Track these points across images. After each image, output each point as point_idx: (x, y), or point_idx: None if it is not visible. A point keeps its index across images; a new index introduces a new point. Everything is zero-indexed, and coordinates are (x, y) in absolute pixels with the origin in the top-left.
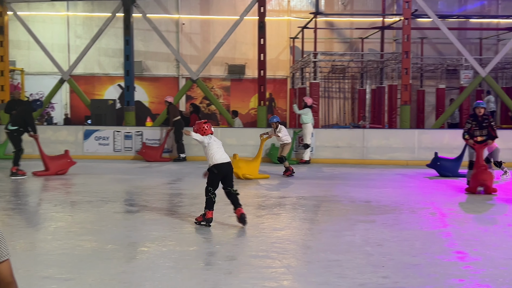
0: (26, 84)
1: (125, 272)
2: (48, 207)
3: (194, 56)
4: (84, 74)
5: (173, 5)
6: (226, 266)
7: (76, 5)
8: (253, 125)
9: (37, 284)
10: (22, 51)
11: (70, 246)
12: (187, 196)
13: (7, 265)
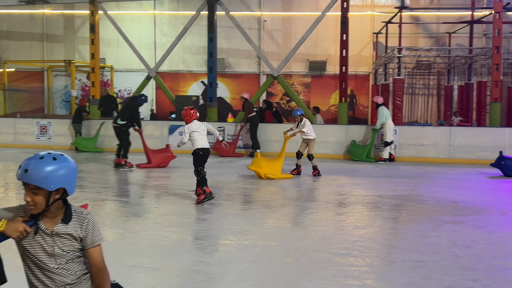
0: (115, 80)
1: (209, 264)
2: (137, 199)
3: (275, 52)
4: (169, 71)
5: (255, 3)
6: (308, 262)
7: (163, 4)
8: (334, 122)
9: (126, 273)
10: (112, 49)
11: (157, 237)
12: (267, 191)
13: (99, 250)
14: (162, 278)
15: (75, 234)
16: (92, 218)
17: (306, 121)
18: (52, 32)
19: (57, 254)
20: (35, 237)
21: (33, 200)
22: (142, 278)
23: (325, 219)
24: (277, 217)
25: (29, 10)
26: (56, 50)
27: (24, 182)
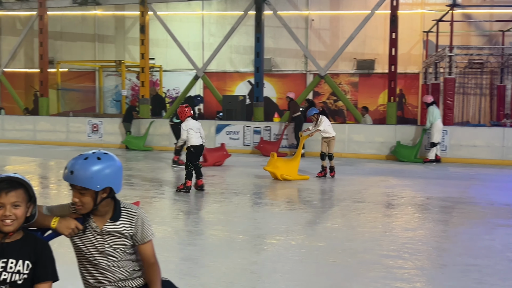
0: (163, 80)
1: (255, 263)
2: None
3: (322, 52)
4: (216, 71)
5: (303, 2)
6: (356, 263)
7: (211, 4)
8: (382, 121)
9: (174, 269)
10: (161, 49)
11: (205, 235)
12: (314, 191)
13: (150, 246)
14: (210, 275)
15: (124, 232)
16: (142, 214)
17: (323, 119)
18: (103, 33)
19: (108, 251)
20: (86, 234)
21: (81, 201)
22: (191, 275)
23: (373, 220)
24: (324, 218)
25: (82, 11)
26: (107, 51)
27: (71, 183)
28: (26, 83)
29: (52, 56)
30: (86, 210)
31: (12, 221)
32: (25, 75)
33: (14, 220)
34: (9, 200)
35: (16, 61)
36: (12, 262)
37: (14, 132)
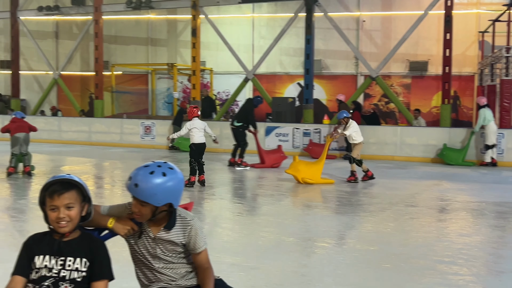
0: (214, 82)
1: (306, 266)
2: (237, 198)
3: (373, 53)
4: (266, 73)
5: (354, 3)
6: (409, 269)
7: (261, 7)
8: (435, 124)
9: (225, 270)
10: (212, 51)
11: (255, 237)
12: (366, 195)
13: (204, 254)
14: (260, 277)
15: (177, 240)
16: (196, 225)
17: (352, 124)
18: (156, 36)
19: (160, 255)
20: (141, 237)
21: (140, 211)
22: (241, 277)
23: (427, 225)
24: (376, 222)
25: (135, 15)
26: (160, 54)
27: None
28: (82, 85)
29: (106, 59)
30: (143, 220)
31: (67, 223)
32: (81, 78)
33: (68, 221)
34: (62, 202)
35: (73, 65)
36: (70, 260)
37: (70, 133)
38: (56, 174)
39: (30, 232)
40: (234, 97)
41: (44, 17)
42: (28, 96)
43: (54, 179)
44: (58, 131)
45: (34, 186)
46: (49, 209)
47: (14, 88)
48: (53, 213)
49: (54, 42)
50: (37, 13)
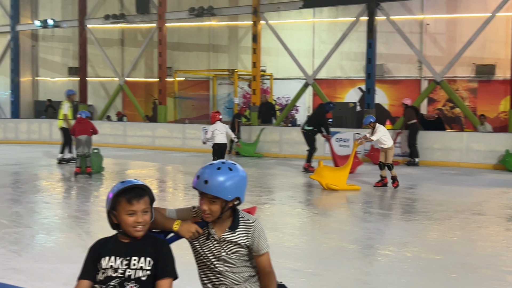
0: (274, 88)
1: (369, 273)
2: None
3: (438, 57)
4: (326, 78)
5: (417, 6)
6: (477, 279)
7: (322, 12)
8: (503, 130)
9: (287, 276)
10: (272, 57)
11: (316, 243)
12: (429, 202)
13: (266, 257)
14: (322, 284)
15: (241, 242)
16: (258, 226)
17: (380, 128)
18: (217, 42)
19: (224, 258)
20: (205, 240)
21: (210, 209)
22: (303, 283)
23: (495, 234)
24: (442, 230)
25: (197, 22)
26: (221, 60)
27: (202, 192)
28: (146, 91)
29: (170, 65)
30: (213, 218)
31: (143, 227)
32: (145, 84)
33: (144, 225)
34: (140, 208)
35: (137, 71)
36: (135, 260)
37: (135, 138)
38: (121, 177)
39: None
40: (293, 102)
41: (111, 25)
42: (95, 101)
43: (129, 185)
44: (123, 136)
45: (99, 188)
46: (125, 214)
47: (81, 94)
48: (130, 218)
49: (119, 50)
50: (104, 22)
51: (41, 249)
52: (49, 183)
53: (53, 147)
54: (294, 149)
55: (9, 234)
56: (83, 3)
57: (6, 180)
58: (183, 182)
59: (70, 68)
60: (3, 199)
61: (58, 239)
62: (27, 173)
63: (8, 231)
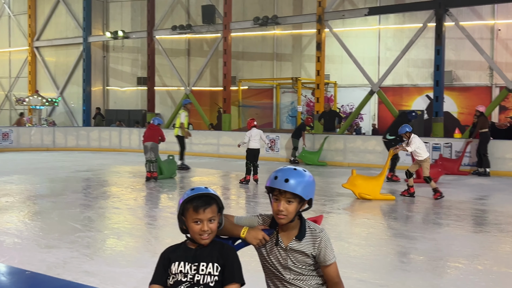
0: (338, 96)
1: (438, 285)
2: (360, 213)
3: (510, 63)
4: (392, 86)
5: (488, 11)
6: None
7: (388, 18)
8: None
9: (354, 287)
10: (336, 65)
11: (382, 253)
12: (502, 213)
13: (333, 267)
14: None
15: (307, 251)
16: (325, 237)
17: (414, 139)
18: (281, 51)
19: (290, 266)
20: (271, 248)
21: (287, 209)
22: None
23: None
24: None
25: (262, 31)
26: (285, 68)
27: (279, 192)
28: (211, 100)
29: (234, 74)
30: (288, 219)
31: (209, 235)
32: (210, 93)
33: (210, 234)
34: (206, 216)
35: (203, 80)
36: (203, 265)
37: (200, 146)
38: (187, 184)
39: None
40: (358, 111)
41: (177, 35)
42: (162, 110)
43: (198, 193)
44: (189, 144)
45: (167, 195)
46: (192, 222)
47: (149, 103)
48: (197, 226)
49: (186, 59)
50: (171, 32)
51: (111, 253)
52: (119, 189)
53: (122, 154)
54: (359, 158)
55: (82, 238)
56: (151, 15)
57: (78, 186)
58: (247, 189)
59: (138, 78)
60: (75, 204)
61: (128, 244)
62: (98, 179)
63: (81, 235)
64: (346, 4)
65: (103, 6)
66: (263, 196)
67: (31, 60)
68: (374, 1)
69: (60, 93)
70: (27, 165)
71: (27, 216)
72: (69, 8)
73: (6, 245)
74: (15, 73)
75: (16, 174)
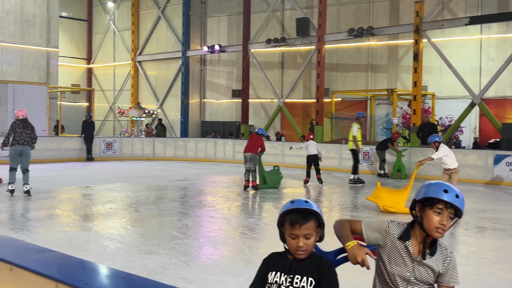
0: (436, 108)
1: None
2: (459, 230)
3: None
4: (495, 97)
5: None
6: None
7: (490, 27)
8: None
9: None
10: (434, 76)
11: (484, 273)
12: None
13: None
14: None
15: (435, 268)
16: (454, 258)
17: (442, 148)
18: (376, 62)
19: (409, 279)
20: (396, 254)
21: (447, 225)
22: None
23: None
24: None
25: (356, 43)
26: (379, 80)
27: (446, 207)
28: (303, 112)
29: (327, 86)
30: (444, 233)
31: (304, 251)
32: (303, 105)
33: (305, 250)
34: (302, 233)
35: (296, 92)
36: (298, 278)
37: (293, 157)
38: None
39: (259, 249)
40: (458, 123)
41: (272, 48)
42: (255, 122)
43: (296, 208)
44: (281, 155)
45: (261, 205)
46: (288, 236)
47: (243, 115)
48: (292, 241)
49: (279, 72)
50: (266, 45)
51: (207, 261)
52: (214, 198)
53: (217, 164)
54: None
55: (179, 245)
56: (247, 29)
57: (176, 195)
58: (339, 202)
59: (233, 90)
60: (173, 212)
61: (223, 253)
62: (194, 188)
63: (178, 242)
64: (446, 13)
65: (201, 21)
66: (350, 207)
67: (133, 74)
68: (475, 9)
69: (159, 105)
70: (129, 173)
71: (128, 222)
72: (169, 23)
73: (109, 249)
74: (119, 86)
75: (119, 182)
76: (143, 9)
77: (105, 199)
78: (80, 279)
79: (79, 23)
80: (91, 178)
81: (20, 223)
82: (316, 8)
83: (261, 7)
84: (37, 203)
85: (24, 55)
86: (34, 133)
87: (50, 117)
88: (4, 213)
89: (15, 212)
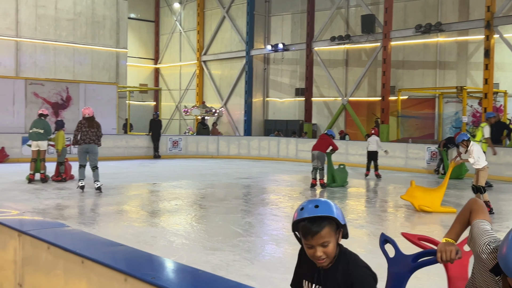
0: (508, 106)
1: None
2: None
3: None
4: None
5: None
6: None
7: None
8: None
9: None
10: (506, 73)
11: None
12: None
13: None
14: None
15: None
16: None
17: (473, 147)
18: (444, 59)
19: None
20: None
21: None
22: None
23: None
24: None
25: (424, 39)
26: (448, 77)
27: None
28: (368, 110)
29: (393, 84)
30: None
31: (325, 259)
32: (368, 103)
33: (326, 258)
34: (317, 242)
35: (360, 90)
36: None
37: (356, 156)
38: (346, 194)
39: None
40: None
41: (336, 46)
42: (318, 120)
43: (305, 217)
44: (345, 154)
45: None
46: (304, 244)
47: (307, 113)
48: (310, 250)
49: (343, 70)
50: (330, 43)
51: (270, 258)
52: (277, 197)
53: (280, 163)
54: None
55: (243, 243)
56: (311, 27)
57: (239, 193)
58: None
59: (296, 89)
60: (237, 210)
61: (287, 251)
62: (257, 186)
63: (242, 240)
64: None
65: (265, 20)
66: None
67: (199, 73)
68: None
69: (224, 104)
70: (194, 171)
71: (194, 219)
72: (233, 23)
73: (175, 245)
74: (185, 86)
75: (184, 179)
76: (208, 9)
77: (171, 196)
78: (148, 273)
79: (147, 24)
80: (158, 175)
81: (90, 218)
82: (382, 4)
83: (325, 4)
84: (107, 199)
85: (95, 56)
86: (100, 130)
87: (119, 116)
88: (75, 208)
89: (85, 207)
